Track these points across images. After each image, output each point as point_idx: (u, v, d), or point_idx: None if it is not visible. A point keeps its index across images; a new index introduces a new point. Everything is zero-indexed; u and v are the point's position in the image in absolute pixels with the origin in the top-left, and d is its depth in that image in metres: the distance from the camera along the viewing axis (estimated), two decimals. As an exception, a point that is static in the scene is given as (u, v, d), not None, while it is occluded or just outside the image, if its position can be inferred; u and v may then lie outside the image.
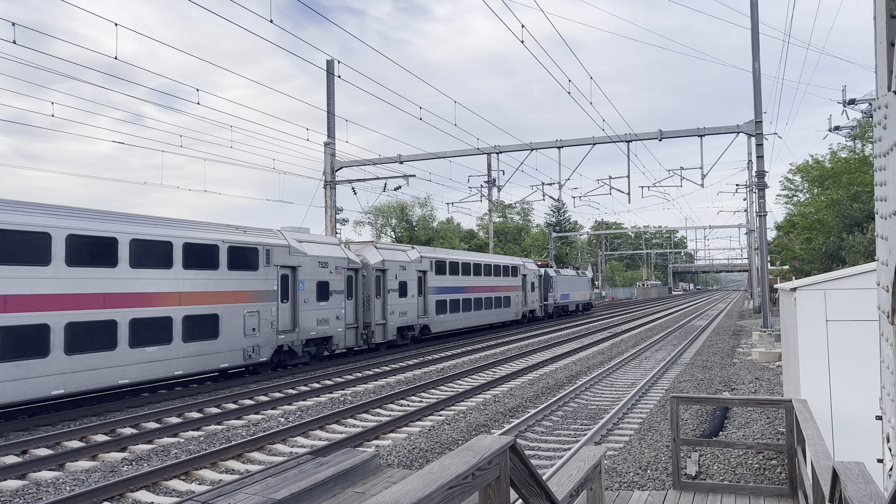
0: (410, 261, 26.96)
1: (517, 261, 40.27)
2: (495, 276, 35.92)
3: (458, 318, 31.31)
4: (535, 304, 42.80)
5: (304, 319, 20.25)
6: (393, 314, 25.28)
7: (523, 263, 40.77)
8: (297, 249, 20.10)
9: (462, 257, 32.56)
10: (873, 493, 3.02)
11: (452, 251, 33.30)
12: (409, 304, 26.71)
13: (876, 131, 2.68)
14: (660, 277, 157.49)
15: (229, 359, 17.20)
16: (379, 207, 68.90)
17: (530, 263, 42.64)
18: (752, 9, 24.83)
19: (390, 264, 25.32)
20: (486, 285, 34.52)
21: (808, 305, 7.21)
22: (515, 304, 38.79)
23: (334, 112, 32.14)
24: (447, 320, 30.14)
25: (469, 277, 32.41)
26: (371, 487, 6.71)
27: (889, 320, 2.54)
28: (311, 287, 20.55)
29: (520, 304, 39.59)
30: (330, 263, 21.61)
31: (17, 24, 15.74)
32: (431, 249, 30.22)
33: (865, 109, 31.71)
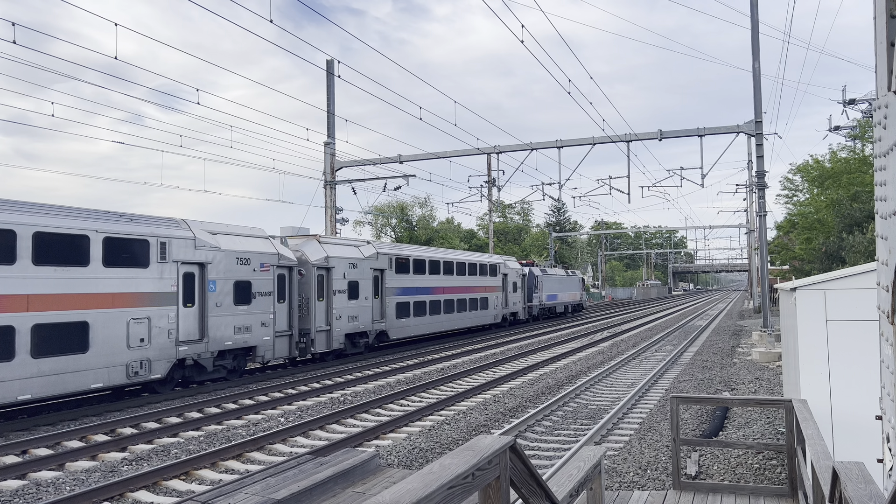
0: (364, 258, 23.70)
1: (496, 259, 37.04)
2: (470, 276, 32.74)
3: (424, 322, 28.01)
4: (518, 306, 39.49)
5: (215, 327, 16.81)
6: (340, 319, 22.03)
7: (503, 262, 37.56)
8: (206, 243, 16.81)
9: (429, 254, 29.27)
10: (873, 493, 3.02)
11: (417, 247, 29.84)
12: (362, 307, 23.36)
13: (876, 131, 2.68)
14: (660, 277, 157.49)
15: (105, 377, 13.98)
16: (379, 207, 68.91)
17: (512, 262, 39.54)
18: (752, 9, 24.83)
19: (337, 261, 22.13)
20: (458, 285, 31.37)
21: (808, 305, 7.21)
22: (494, 306, 35.63)
23: (334, 112, 32.15)
24: (410, 325, 26.82)
25: (438, 277, 29.31)
26: (371, 487, 6.71)
27: (889, 320, 2.54)
28: (225, 288, 17.27)
29: (499, 306, 36.35)
30: (253, 260, 18.21)
31: (17, 24, 15.74)
32: (393, 245, 27.29)
33: (865, 109, 31.71)
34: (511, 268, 38.33)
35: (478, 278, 33.65)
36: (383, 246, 25.81)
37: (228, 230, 18.06)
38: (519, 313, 39.78)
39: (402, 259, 26.50)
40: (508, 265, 38.02)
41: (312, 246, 21.67)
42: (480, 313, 33.95)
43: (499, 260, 37.16)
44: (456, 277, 31.22)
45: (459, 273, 31.65)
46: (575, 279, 53.03)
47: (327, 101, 31.89)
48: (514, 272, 38.86)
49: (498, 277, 36.27)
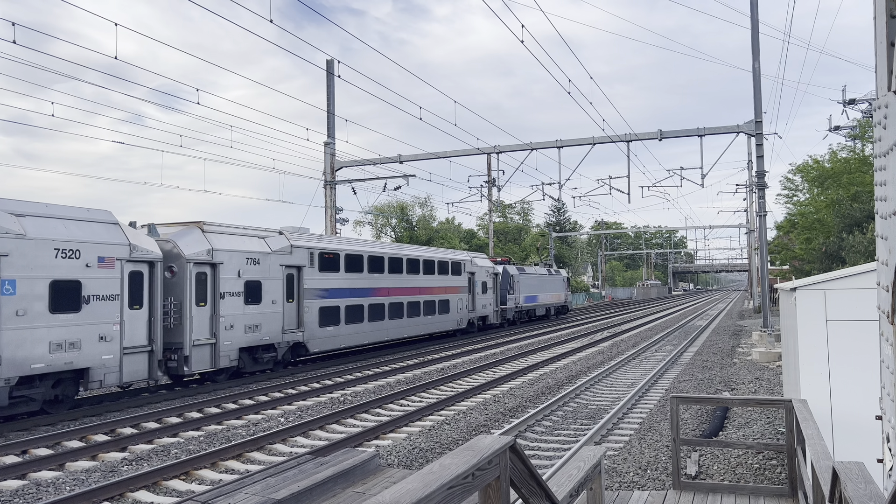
0: (271, 251, 19.29)
1: (460, 255, 32.71)
2: (426, 275, 28.50)
3: (361, 330, 23.53)
4: (488, 309, 35.02)
5: (14, 344, 12.43)
6: (232, 329, 17.54)
7: (470, 259, 33.27)
8: (3, 229, 12.46)
9: (369, 249, 24.77)
10: (873, 493, 3.02)
11: (353, 240, 25.31)
12: (268, 313, 18.95)
13: (876, 131, 2.68)
14: (660, 277, 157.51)
15: None
16: (379, 207, 68.91)
17: (481, 259, 35.35)
18: (752, 9, 24.83)
19: (227, 256, 17.59)
20: (409, 286, 27.12)
21: (808, 305, 7.22)
22: (457, 310, 31.31)
23: (334, 112, 32.15)
24: (340, 335, 22.40)
25: (381, 276, 25.01)
26: (371, 487, 6.71)
27: (889, 320, 2.54)
28: (34, 290, 12.87)
29: (464, 310, 32.10)
30: (85, 252, 13.87)
31: (18, 24, 15.74)
32: (316, 237, 22.27)
33: (865, 109, 31.72)
34: (479, 266, 34.19)
35: (436, 277, 29.39)
36: (301, 237, 21.27)
37: (47, 212, 13.58)
38: (489, 317, 35.39)
39: (328, 254, 22.06)
40: (476, 263, 33.93)
41: (191, 236, 17.05)
42: (439, 318, 29.59)
43: (463, 257, 32.83)
44: (406, 277, 26.99)
45: (411, 271, 27.38)
46: (558, 278, 48.77)
47: (327, 101, 31.89)
48: (484, 271, 34.67)
49: (463, 277, 32.01)
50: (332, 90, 31.93)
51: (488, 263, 35.79)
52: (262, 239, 19.48)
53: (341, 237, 25.13)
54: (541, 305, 44.38)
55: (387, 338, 25.44)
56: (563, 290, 49.76)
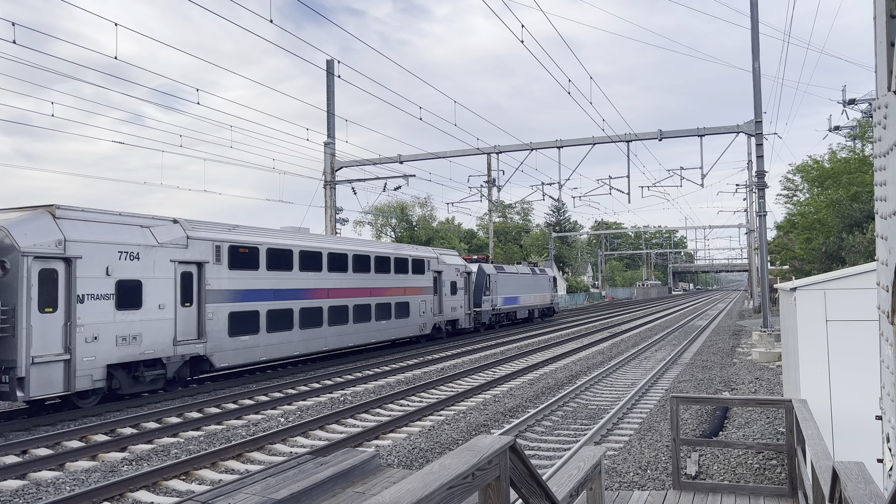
0: (157, 244, 15.69)
1: (423, 252, 28.98)
2: (378, 274, 24.80)
3: (287, 340, 19.77)
4: (459, 312, 31.51)
5: None
6: (97, 341, 14.04)
7: (436, 256, 29.66)
8: None
9: (299, 243, 20.79)
10: (873, 493, 3.02)
11: (277, 231, 21.04)
12: (153, 321, 15.42)
13: (876, 131, 2.68)
14: (660, 277, 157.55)
15: None
16: (379, 207, 68.93)
17: (450, 256, 31.84)
18: (752, 9, 24.84)
19: (90, 249, 14.12)
20: (356, 286, 23.35)
21: (808, 305, 7.22)
22: (420, 313, 27.56)
23: (334, 112, 32.16)
24: (259, 345, 18.58)
25: (317, 275, 21.30)
26: (371, 487, 6.71)
27: (889, 320, 2.54)
28: None
29: (429, 313, 28.35)
30: None
31: (17, 24, 15.75)
32: (226, 227, 18.51)
33: (865, 109, 31.72)
34: (448, 264, 30.61)
35: (392, 277, 25.76)
36: (205, 227, 17.59)
37: None
38: (461, 321, 31.77)
39: (243, 248, 18.23)
40: (444, 260, 30.35)
41: (33, 224, 13.41)
42: (396, 323, 25.83)
43: (427, 254, 29.10)
44: (353, 276, 23.30)
45: (359, 269, 23.70)
46: (543, 278, 45.03)
47: (327, 101, 31.90)
48: (454, 269, 31.07)
49: (427, 276, 28.39)
50: (332, 90, 31.94)
51: (459, 261, 32.37)
52: (144, 228, 15.72)
53: (265, 228, 20.43)
54: (522, 307, 40.95)
55: (326, 347, 21.62)
56: (548, 290, 46.12)
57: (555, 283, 48.08)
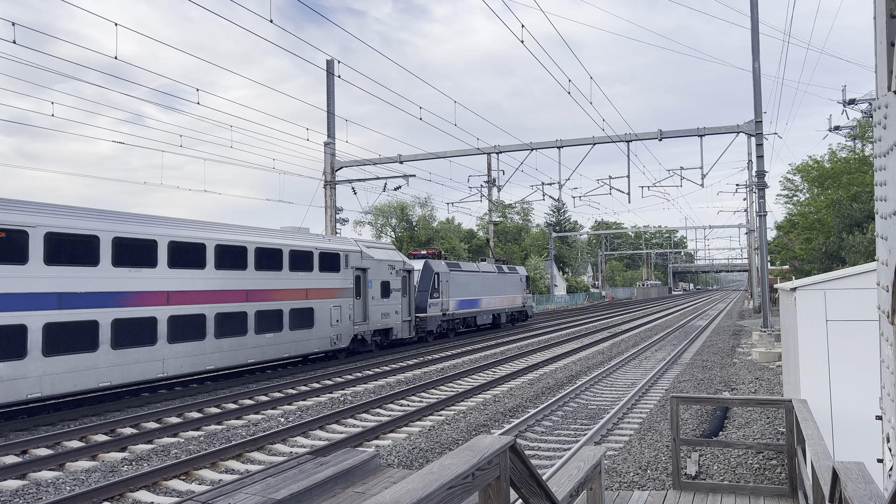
0: None
1: (339, 244, 22.80)
2: (262, 271, 18.81)
3: (87, 365, 13.87)
4: (394, 319, 25.49)
5: None
6: None
7: (358, 250, 23.53)
8: None
9: (111, 226, 14.83)
10: (873, 493, 3.02)
11: (62, 207, 14.24)
12: None
13: (876, 131, 2.68)
14: (660, 277, 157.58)
15: None
16: (379, 207, 68.94)
17: (382, 250, 25.83)
18: (752, 9, 24.84)
19: None
20: (221, 288, 17.36)
21: (808, 305, 7.22)
22: (330, 323, 21.56)
23: (334, 112, 32.16)
24: (27, 375, 12.66)
25: (146, 273, 15.44)
26: (371, 487, 6.71)
27: (889, 320, 2.54)
28: None
29: (346, 322, 22.37)
30: None
31: (18, 24, 15.75)
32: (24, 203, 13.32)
33: (865, 109, 31.72)
34: (377, 259, 24.64)
35: (283, 276, 19.69)
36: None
37: None
38: (396, 330, 25.71)
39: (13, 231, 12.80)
40: (371, 255, 24.32)
41: None
42: (291, 336, 19.74)
43: (346, 246, 23.05)
44: (214, 274, 17.14)
45: (227, 265, 17.61)
46: (513, 278, 39.28)
47: (327, 101, 31.90)
48: (386, 267, 25.23)
49: (344, 274, 22.50)
50: (332, 90, 31.94)
51: (395, 256, 26.34)
52: None
53: (51, 205, 14.08)
54: (485, 312, 35.31)
55: (164, 373, 15.60)
56: (520, 291, 40.25)
57: (528, 283, 41.94)
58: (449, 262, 31.94)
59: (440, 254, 32.95)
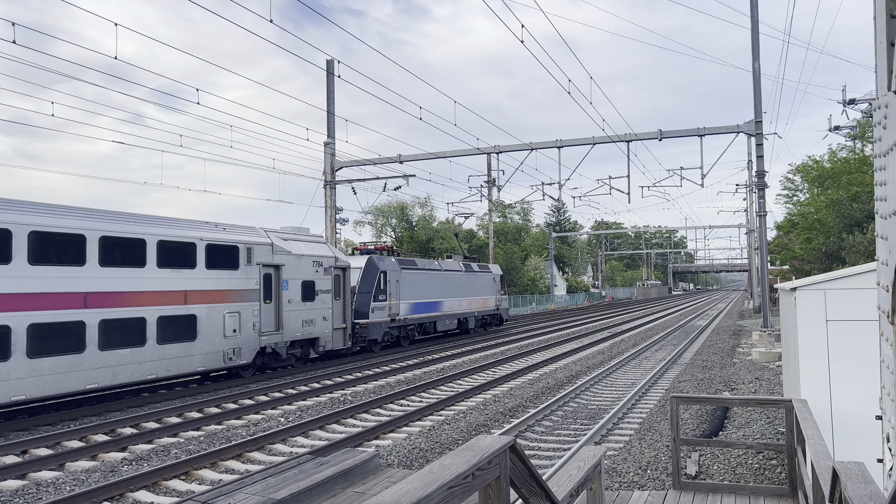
0: None
1: (240, 235, 18.24)
2: (114, 268, 14.61)
3: None
4: (321, 327, 21.09)
5: None
6: None
7: (269, 242, 19.07)
8: None
9: None
10: (873, 493, 3.02)
11: None
12: None
13: (876, 131, 2.68)
14: (660, 277, 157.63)
15: None
16: (379, 207, 68.93)
17: (301, 243, 20.91)
18: (752, 9, 24.84)
19: None
20: (41, 291, 13.09)
21: (808, 305, 7.22)
22: (223, 334, 17.23)
23: (334, 112, 32.16)
24: None
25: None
26: (371, 487, 6.71)
27: (889, 320, 2.54)
28: None
29: (248, 332, 18.03)
30: None
31: (18, 25, 15.75)
32: None
33: (865, 109, 31.71)
34: (295, 254, 20.12)
35: (149, 273, 15.38)
36: None
37: None
38: (324, 340, 21.34)
39: None
40: (288, 248, 19.91)
41: None
42: (158, 352, 15.42)
43: (250, 238, 18.44)
44: (27, 271, 12.91)
45: (52, 259, 13.43)
46: (484, 278, 34.93)
47: (327, 101, 31.90)
48: (309, 263, 20.73)
49: (246, 272, 18.05)
50: (332, 90, 31.94)
51: (324, 251, 21.79)
52: None
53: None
54: (448, 316, 30.83)
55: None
56: (492, 292, 35.86)
57: (502, 283, 37.58)
58: (401, 259, 27.88)
59: (392, 249, 29.07)
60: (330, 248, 22.60)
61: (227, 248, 17.66)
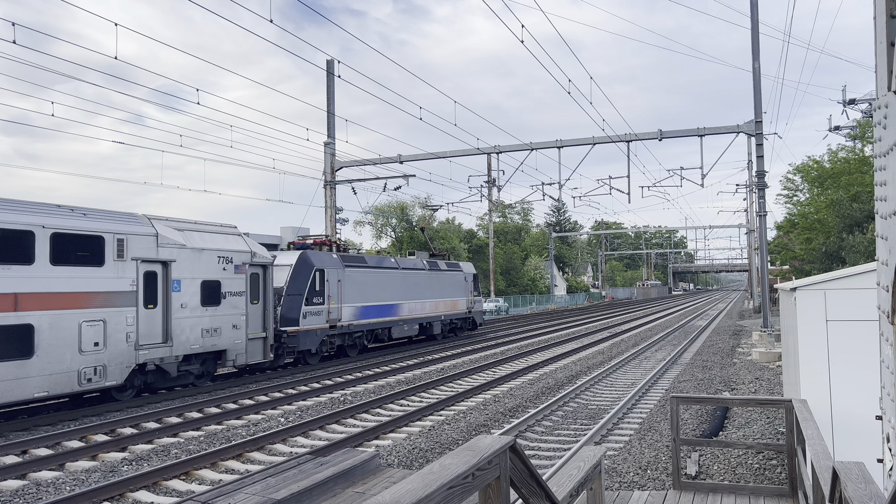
0: None
1: (97, 223, 14.22)
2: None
3: None
4: (232, 337, 17.34)
5: None
6: None
7: (152, 232, 15.48)
8: None
9: None
10: (873, 493, 3.02)
11: None
12: None
13: (876, 131, 2.68)
14: (660, 277, 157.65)
15: None
16: (379, 207, 68.92)
17: (200, 234, 17.02)
18: (752, 9, 24.84)
19: None
20: None
21: (808, 305, 7.22)
22: (78, 349, 13.37)
23: (334, 112, 32.17)
24: None
25: None
26: (371, 487, 6.71)
27: (889, 320, 2.54)
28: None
29: (117, 345, 14.26)
30: None
31: (18, 25, 15.75)
32: None
33: (865, 109, 31.71)
34: (191, 247, 16.35)
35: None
36: None
37: None
38: (234, 352, 17.46)
39: None
40: (178, 240, 16.09)
41: None
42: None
43: (123, 227, 14.81)
44: None
45: None
46: (453, 277, 31.34)
47: (327, 102, 31.91)
48: (213, 258, 16.90)
49: (115, 268, 14.41)
50: (333, 90, 31.95)
51: (234, 244, 17.76)
52: None
53: None
54: (406, 321, 26.88)
55: None
56: (463, 293, 32.07)
57: (476, 283, 33.82)
58: (346, 256, 23.95)
59: (337, 244, 24.86)
60: (246, 240, 18.46)
61: (84, 238, 13.76)
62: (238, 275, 17.74)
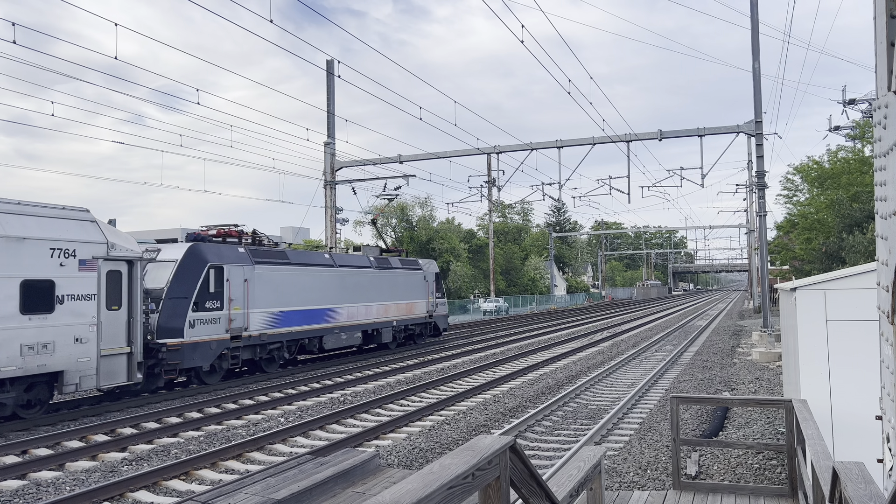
0: None
1: None
2: None
3: None
4: (74, 354, 13.08)
5: None
6: None
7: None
8: None
9: None
10: (873, 493, 3.02)
11: None
12: None
13: (876, 131, 2.68)
14: (660, 277, 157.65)
15: None
16: (379, 207, 68.94)
17: (24, 217, 12.68)
18: (752, 9, 24.84)
19: None
20: None
21: (808, 305, 7.22)
22: None
23: (334, 112, 32.18)
24: None
25: None
26: (371, 487, 6.71)
27: (889, 320, 2.54)
28: None
29: None
30: None
31: (18, 25, 15.75)
32: None
33: (865, 109, 31.71)
34: (5, 236, 12.22)
35: None
36: None
37: None
38: (76, 374, 13.25)
39: None
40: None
41: None
42: None
43: None
44: None
45: None
46: (410, 276, 27.47)
47: (327, 102, 31.91)
48: (43, 249, 12.85)
49: None
50: (333, 90, 31.96)
51: (81, 233, 13.76)
52: None
53: None
54: (343, 328, 22.80)
55: None
56: (422, 295, 28.21)
57: (438, 283, 29.80)
58: (257, 250, 19.65)
59: (245, 236, 20.27)
60: (101, 228, 14.26)
61: None
62: (85, 272, 13.64)
